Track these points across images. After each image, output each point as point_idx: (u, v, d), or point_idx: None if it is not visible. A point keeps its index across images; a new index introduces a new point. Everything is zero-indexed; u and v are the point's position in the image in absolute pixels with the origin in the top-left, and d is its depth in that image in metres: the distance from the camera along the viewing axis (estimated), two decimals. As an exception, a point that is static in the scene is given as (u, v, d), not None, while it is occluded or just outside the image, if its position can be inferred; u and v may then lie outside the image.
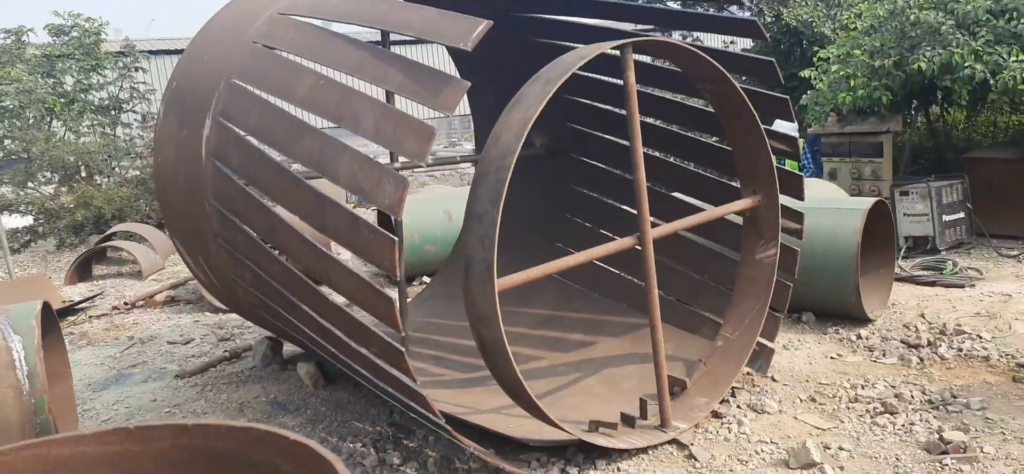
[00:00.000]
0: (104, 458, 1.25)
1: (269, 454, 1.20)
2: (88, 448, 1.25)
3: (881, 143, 9.22)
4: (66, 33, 15.46)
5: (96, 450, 1.25)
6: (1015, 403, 4.56)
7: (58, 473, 1.23)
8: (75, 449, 1.24)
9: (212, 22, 5.43)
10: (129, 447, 1.26)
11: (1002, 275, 7.20)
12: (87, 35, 15.94)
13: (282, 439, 1.17)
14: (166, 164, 5.15)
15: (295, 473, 1.16)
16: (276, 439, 1.18)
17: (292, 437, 1.16)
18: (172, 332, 7.69)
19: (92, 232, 12.55)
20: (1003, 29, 7.69)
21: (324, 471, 1.10)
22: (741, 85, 4.79)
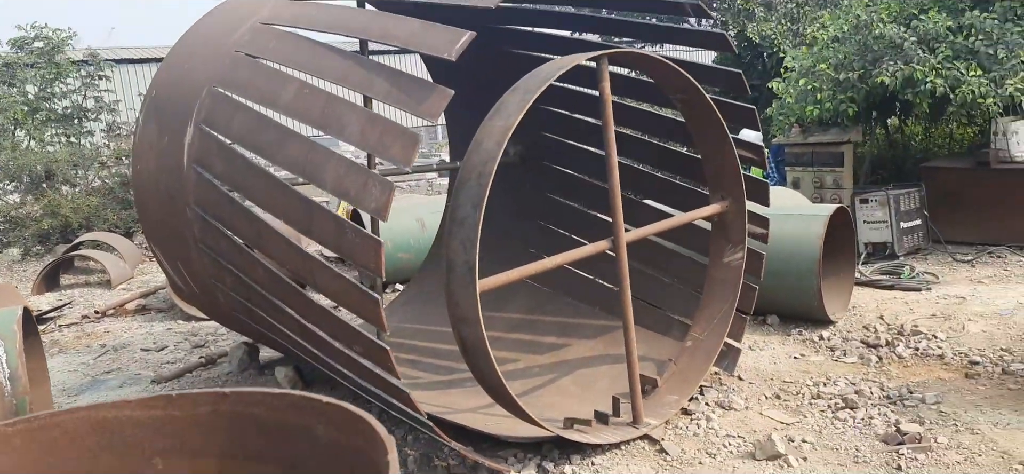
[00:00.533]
0: (148, 421, 1.37)
1: (304, 418, 1.32)
2: (133, 412, 1.37)
3: (842, 153, 9.54)
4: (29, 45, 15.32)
5: (141, 414, 1.37)
6: (967, 397, 4.81)
7: (107, 434, 1.34)
8: (122, 413, 1.36)
9: (192, 31, 5.50)
10: (171, 412, 1.38)
11: (957, 279, 7.52)
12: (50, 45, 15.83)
13: (316, 403, 1.30)
14: (146, 172, 5.20)
15: (329, 434, 1.29)
16: (310, 403, 1.31)
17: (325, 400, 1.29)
18: (145, 339, 7.70)
19: (58, 241, 12.44)
20: (961, 45, 8.03)
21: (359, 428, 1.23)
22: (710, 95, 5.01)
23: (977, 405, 4.69)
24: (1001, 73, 7.65)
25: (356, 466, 1.19)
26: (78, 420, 1.35)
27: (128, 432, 1.36)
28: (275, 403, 1.34)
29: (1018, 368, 5.16)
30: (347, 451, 1.25)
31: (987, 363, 5.31)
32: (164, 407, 1.39)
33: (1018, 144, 8.35)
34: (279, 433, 1.34)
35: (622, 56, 4.60)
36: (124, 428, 1.37)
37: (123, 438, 1.37)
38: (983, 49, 7.80)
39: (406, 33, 4.08)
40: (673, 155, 6.19)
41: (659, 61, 4.52)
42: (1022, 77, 7.61)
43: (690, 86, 4.67)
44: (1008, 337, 5.76)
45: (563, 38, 6.11)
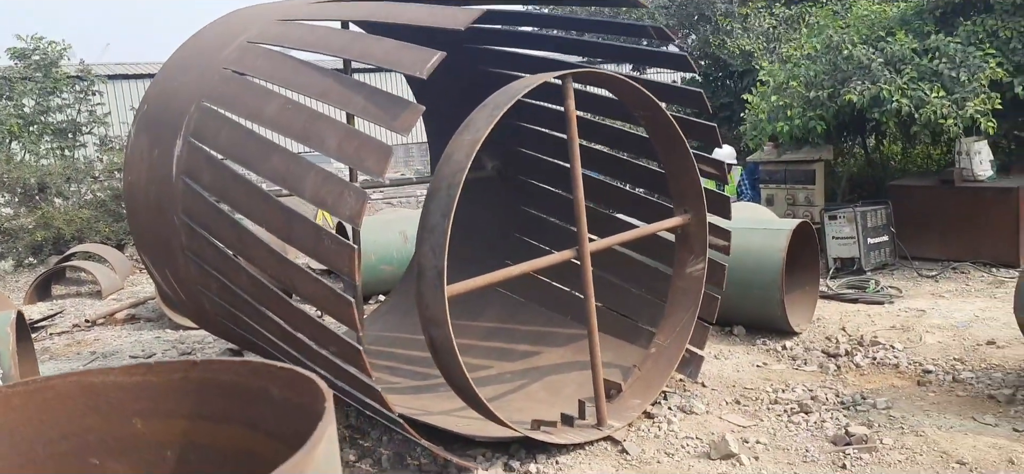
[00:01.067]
0: (129, 386, 1.59)
1: (261, 381, 1.54)
2: (117, 378, 1.59)
3: (814, 171, 9.83)
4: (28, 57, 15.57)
5: (123, 379, 1.59)
6: (916, 403, 5.07)
7: (96, 397, 1.57)
8: (107, 378, 1.58)
9: (182, 49, 5.76)
10: (149, 378, 1.61)
11: (919, 293, 7.79)
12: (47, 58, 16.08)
13: (271, 368, 1.52)
14: (137, 183, 5.43)
15: (282, 394, 1.52)
16: (266, 368, 1.53)
17: (279, 366, 1.53)
18: (134, 347, 7.91)
19: (51, 253, 12.64)
20: (926, 67, 8.35)
21: (305, 387, 1.46)
22: (675, 113, 5.28)
23: (925, 410, 4.94)
24: (962, 95, 7.96)
25: (303, 417, 1.43)
26: (69, 384, 1.58)
27: (112, 395, 1.59)
28: (237, 369, 1.57)
29: (968, 376, 5.43)
30: (296, 407, 1.48)
31: (939, 372, 5.57)
32: (143, 374, 1.62)
33: (981, 164, 8.67)
34: (241, 395, 1.56)
35: (588, 75, 4.86)
36: (109, 391, 1.59)
37: (107, 400, 1.60)
38: (946, 72, 8.11)
39: (382, 53, 4.34)
40: (644, 170, 6.46)
41: (621, 80, 4.79)
42: (982, 99, 7.92)
43: (652, 104, 4.94)
44: (962, 348, 6.03)
45: (538, 58, 6.39)
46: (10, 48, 16.26)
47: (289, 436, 1.55)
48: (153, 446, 1.61)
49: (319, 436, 1.22)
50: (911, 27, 9.02)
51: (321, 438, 1.21)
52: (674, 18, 13.95)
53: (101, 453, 1.59)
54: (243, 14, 5.85)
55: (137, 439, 1.61)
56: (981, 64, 8.11)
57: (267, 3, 6.13)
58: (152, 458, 1.62)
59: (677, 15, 13.99)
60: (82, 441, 1.58)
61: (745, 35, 11.84)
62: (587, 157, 6.47)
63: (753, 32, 11.78)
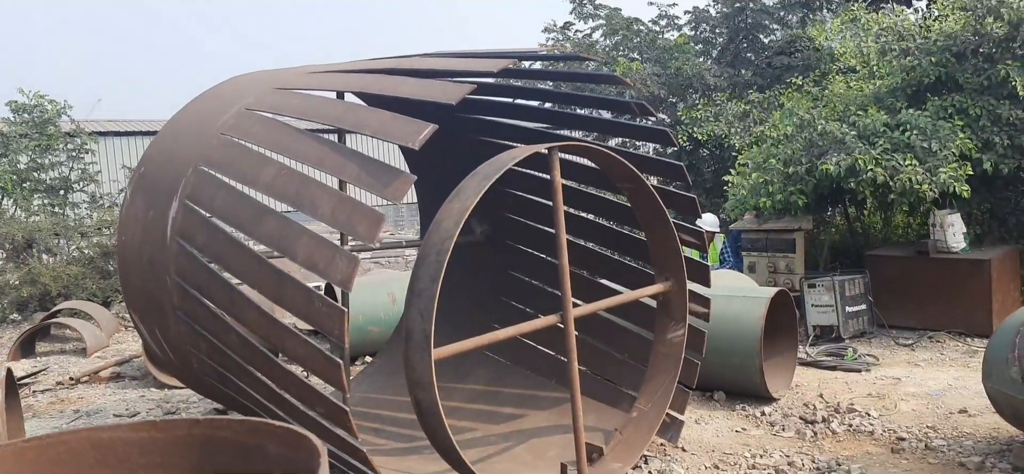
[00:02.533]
0: (136, 442, 1.71)
1: (259, 439, 1.67)
2: (124, 434, 1.71)
3: (794, 240, 10.06)
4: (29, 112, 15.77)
5: (131, 435, 1.71)
6: (889, 470, 5.19)
7: (105, 452, 1.68)
8: (115, 434, 1.70)
9: (181, 113, 5.95)
10: (154, 435, 1.73)
11: (896, 361, 7.96)
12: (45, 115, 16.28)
13: (269, 426, 1.65)
14: (131, 243, 5.55)
15: (278, 451, 1.65)
16: (264, 426, 1.66)
17: (276, 424, 1.65)
18: (118, 406, 7.92)
19: (37, 309, 12.64)
20: (898, 140, 8.66)
21: (301, 444, 1.58)
22: (656, 184, 5.49)
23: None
24: (935, 163, 8.25)
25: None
26: (80, 439, 1.70)
27: (120, 450, 1.71)
28: (237, 428, 1.70)
29: (940, 444, 5.56)
30: (292, 463, 1.60)
31: (912, 439, 5.70)
32: (149, 431, 1.74)
33: (954, 236, 8.93)
34: (240, 452, 1.69)
35: (573, 148, 5.07)
36: (116, 447, 1.71)
37: (115, 455, 1.72)
38: (918, 143, 8.42)
39: (376, 123, 4.53)
40: (627, 238, 6.64)
41: (605, 153, 5.00)
42: (954, 166, 8.21)
43: (634, 176, 5.15)
44: (936, 416, 6.17)
45: (527, 129, 6.61)
46: (11, 101, 16.46)
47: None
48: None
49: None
50: (883, 104, 9.37)
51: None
52: (665, 87, 14.35)
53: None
54: (240, 82, 6.06)
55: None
56: (950, 135, 8.43)
57: (263, 71, 6.36)
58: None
59: (668, 85, 14.40)
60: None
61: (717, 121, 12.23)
62: (572, 224, 6.67)
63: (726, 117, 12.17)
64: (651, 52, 14.79)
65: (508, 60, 4.57)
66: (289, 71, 6.09)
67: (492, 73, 4.86)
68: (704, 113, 12.55)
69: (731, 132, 12.18)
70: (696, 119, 12.55)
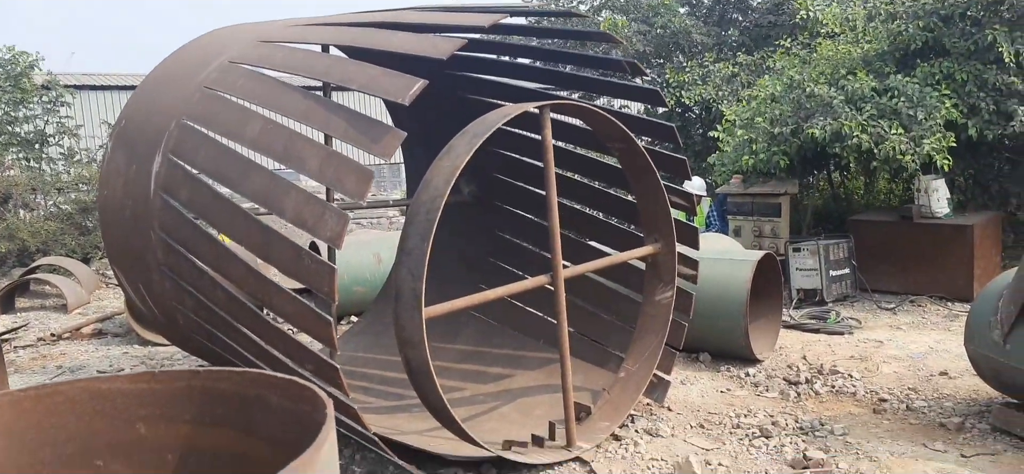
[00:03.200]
0: (134, 392, 1.68)
1: (260, 389, 1.64)
2: (123, 385, 1.68)
3: (780, 204, 10.10)
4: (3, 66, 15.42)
5: (129, 386, 1.68)
6: (872, 430, 5.26)
7: (102, 402, 1.65)
8: (113, 385, 1.67)
9: (162, 66, 5.81)
10: (153, 386, 1.69)
11: (878, 325, 8.04)
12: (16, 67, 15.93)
13: (270, 377, 1.62)
14: (113, 197, 5.45)
15: (280, 402, 1.62)
16: (265, 378, 1.63)
17: (278, 376, 1.62)
18: (101, 362, 7.86)
19: (15, 265, 12.48)
20: (885, 105, 8.67)
21: (304, 395, 1.56)
22: (647, 146, 5.46)
23: (879, 437, 5.13)
24: (920, 133, 8.28)
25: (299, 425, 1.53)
26: (78, 389, 1.66)
27: (118, 401, 1.67)
28: (237, 379, 1.67)
29: (921, 405, 5.64)
30: (294, 415, 1.58)
31: (894, 400, 5.78)
32: (148, 382, 1.71)
33: (938, 201, 8.99)
34: (240, 403, 1.66)
35: (565, 107, 5.02)
36: (115, 397, 1.68)
37: (114, 405, 1.68)
38: (905, 110, 8.44)
39: (365, 78, 4.45)
40: (617, 200, 6.62)
41: (596, 112, 4.96)
42: (938, 137, 8.24)
43: (626, 136, 5.11)
44: (917, 378, 6.25)
45: (516, 87, 6.55)
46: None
47: (285, 442, 1.65)
48: (155, 450, 1.70)
49: (322, 440, 1.32)
50: (872, 68, 9.36)
51: (324, 442, 1.32)
52: (651, 45, 14.25)
53: (105, 455, 1.68)
54: (223, 34, 5.93)
55: (140, 443, 1.70)
56: (937, 104, 8.45)
57: (247, 23, 6.22)
58: (153, 461, 1.71)
59: (654, 43, 14.30)
60: (88, 444, 1.67)
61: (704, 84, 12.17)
62: (562, 185, 6.63)
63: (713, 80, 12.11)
64: (638, 11, 14.66)
65: (499, 14, 4.49)
66: (274, 23, 5.97)
67: (483, 28, 4.79)
68: (692, 76, 12.49)
69: (719, 95, 12.15)
70: (684, 82, 12.50)
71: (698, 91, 12.13)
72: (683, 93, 12.36)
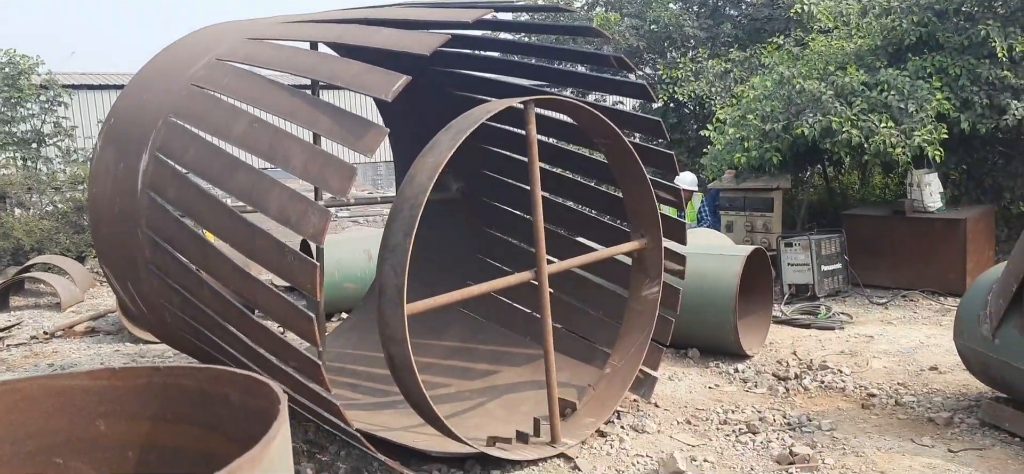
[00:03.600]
0: (95, 389, 1.68)
1: (220, 386, 1.65)
2: (83, 382, 1.68)
3: (772, 199, 10.10)
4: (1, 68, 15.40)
5: (89, 383, 1.68)
6: (859, 425, 5.26)
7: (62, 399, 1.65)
8: (73, 382, 1.67)
9: (151, 64, 5.81)
10: (114, 382, 1.70)
11: (869, 320, 8.05)
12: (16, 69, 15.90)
13: (229, 373, 1.63)
14: (102, 195, 5.45)
15: (240, 398, 1.62)
16: (225, 374, 1.64)
17: (237, 372, 1.63)
18: (93, 361, 7.87)
19: (10, 263, 12.47)
20: (876, 99, 8.67)
21: (261, 391, 1.56)
22: (635, 141, 5.46)
23: (867, 432, 5.14)
24: (911, 126, 8.27)
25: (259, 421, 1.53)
26: (37, 386, 1.67)
27: (78, 398, 1.68)
28: (198, 375, 1.67)
29: (909, 400, 5.65)
30: (253, 410, 1.58)
31: (883, 395, 5.78)
32: (108, 378, 1.71)
33: (931, 195, 8.99)
34: (201, 399, 1.66)
35: (549, 102, 5.02)
36: (75, 394, 1.68)
37: (73, 402, 1.69)
38: (895, 103, 8.43)
39: (349, 75, 4.44)
40: (604, 195, 6.63)
41: (581, 107, 4.96)
42: (929, 129, 8.24)
43: (611, 132, 5.11)
44: (906, 373, 6.26)
45: (505, 83, 6.54)
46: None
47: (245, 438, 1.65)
48: (115, 446, 1.71)
49: (273, 435, 1.32)
50: (863, 62, 9.36)
51: (275, 436, 1.32)
52: (644, 40, 14.22)
53: (65, 453, 1.68)
54: (212, 31, 5.92)
55: (100, 440, 1.70)
56: (928, 96, 8.44)
57: (236, 21, 6.22)
58: (114, 458, 1.71)
59: (647, 39, 14.27)
60: (48, 441, 1.67)
61: (697, 80, 12.16)
62: (549, 181, 6.64)
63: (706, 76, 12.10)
64: (631, 7, 14.62)
65: (483, 10, 4.49)
66: (262, 21, 5.97)
67: (467, 23, 4.79)
68: (685, 72, 12.47)
69: (712, 92, 12.14)
70: (677, 78, 12.48)
71: (692, 87, 12.11)
72: (676, 89, 12.34)
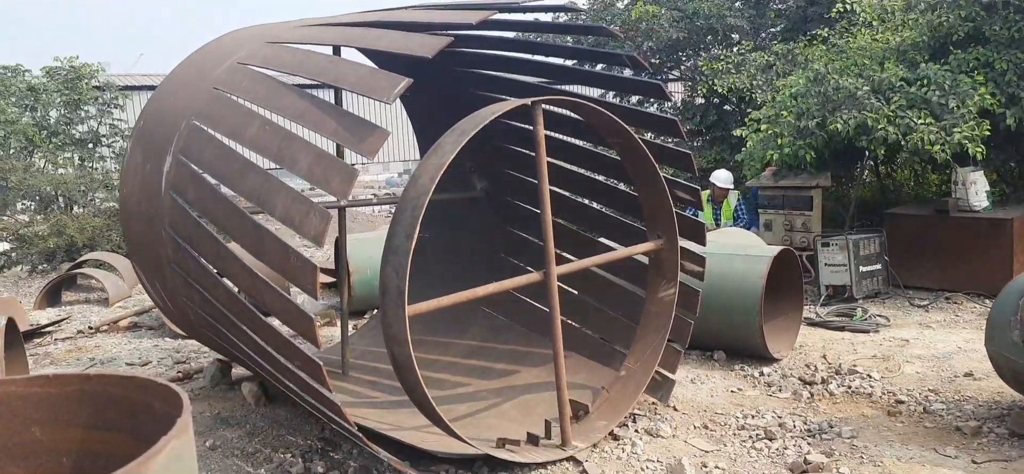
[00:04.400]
0: (29, 396, 1.72)
1: (146, 395, 1.67)
2: (18, 388, 1.73)
3: (811, 197, 9.82)
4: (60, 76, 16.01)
5: (24, 390, 1.73)
6: (883, 433, 5.10)
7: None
8: (7, 389, 1.72)
9: (181, 66, 5.96)
10: (48, 389, 1.74)
11: (907, 323, 7.79)
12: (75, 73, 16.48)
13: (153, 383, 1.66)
14: (131, 196, 5.62)
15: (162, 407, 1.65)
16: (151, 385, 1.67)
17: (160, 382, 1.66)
18: (131, 355, 8.10)
19: (64, 260, 12.95)
20: (915, 95, 8.38)
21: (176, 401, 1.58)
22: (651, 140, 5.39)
23: (889, 440, 4.97)
24: (951, 122, 7.98)
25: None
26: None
27: (13, 404, 1.72)
28: (127, 384, 1.71)
29: (939, 408, 5.45)
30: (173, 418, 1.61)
31: (912, 402, 5.59)
32: (42, 385, 1.75)
33: (976, 194, 8.66)
34: (129, 408, 1.69)
35: (558, 101, 4.98)
36: (11, 401, 1.73)
37: (9, 408, 1.73)
38: (936, 99, 8.14)
39: (355, 78, 4.48)
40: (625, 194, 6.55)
41: (590, 106, 4.90)
42: (971, 125, 7.93)
43: (622, 130, 5.05)
44: (939, 379, 6.04)
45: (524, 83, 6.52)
46: (45, 67, 16.75)
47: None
48: (50, 452, 1.75)
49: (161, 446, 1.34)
50: (906, 58, 9.05)
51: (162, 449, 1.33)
52: (684, 32, 14.03)
53: (2, 459, 1.73)
54: (239, 34, 6.05)
55: (35, 446, 1.74)
56: (970, 91, 8.13)
57: (263, 25, 6.34)
58: (49, 464, 1.75)
59: (687, 29, 14.07)
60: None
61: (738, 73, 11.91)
62: (570, 180, 6.59)
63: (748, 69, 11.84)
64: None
65: (486, 12, 4.48)
66: (284, 24, 6.07)
67: (470, 25, 4.78)
68: (725, 65, 12.24)
69: (754, 85, 11.89)
70: (717, 71, 12.26)
71: (731, 80, 11.88)
72: (716, 82, 12.11)
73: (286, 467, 4.87)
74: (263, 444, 5.25)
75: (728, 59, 12.41)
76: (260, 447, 5.21)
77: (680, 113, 14.80)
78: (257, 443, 5.30)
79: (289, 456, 5.01)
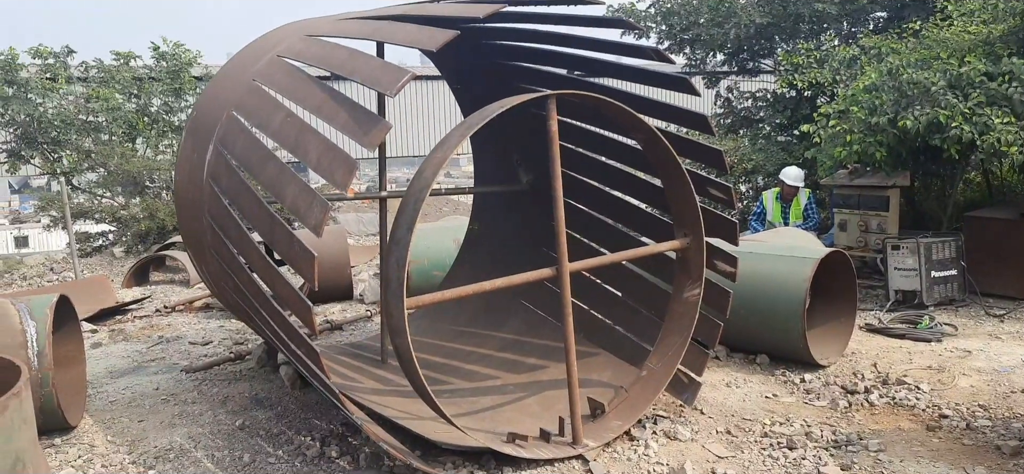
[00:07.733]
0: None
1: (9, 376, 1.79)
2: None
3: (887, 197, 9.32)
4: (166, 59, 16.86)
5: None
6: (913, 448, 4.80)
7: None
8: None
9: (234, 58, 6.20)
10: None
11: (976, 333, 7.29)
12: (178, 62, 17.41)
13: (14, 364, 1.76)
14: (181, 183, 5.91)
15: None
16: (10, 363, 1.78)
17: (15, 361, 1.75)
18: (197, 334, 8.50)
19: (156, 241, 13.72)
20: (995, 91, 7.81)
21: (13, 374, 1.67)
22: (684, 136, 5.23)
23: (918, 456, 4.68)
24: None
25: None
26: None
27: None
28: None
29: (983, 424, 5.09)
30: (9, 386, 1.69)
31: (956, 417, 5.25)
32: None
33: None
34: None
35: (575, 96, 4.90)
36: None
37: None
38: (1017, 96, 7.55)
39: (367, 70, 4.55)
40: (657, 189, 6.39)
41: (609, 102, 4.80)
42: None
43: (642, 125, 4.93)
44: (994, 394, 5.64)
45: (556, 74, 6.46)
46: (152, 43, 17.77)
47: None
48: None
49: None
50: (991, 51, 8.44)
51: None
52: (768, 16, 13.53)
53: None
54: (288, 28, 6.24)
55: None
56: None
57: (310, 18, 6.52)
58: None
59: (771, 13, 13.56)
60: None
61: (821, 67, 11.36)
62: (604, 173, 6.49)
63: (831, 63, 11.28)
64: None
65: (496, 5, 4.46)
66: (323, 19, 6.21)
67: (478, 18, 4.77)
68: (806, 59, 11.73)
69: (836, 80, 11.36)
70: (797, 65, 11.77)
71: (813, 74, 11.37)
72: (796, 76, 11.62)
73: (304, 450, 5.01)
74: (288, 427, 5.42)
75: (810, 52, 11.88)
76: (285, 429, 5.38)
77: (769, 106, 14.30)
78: (283, 425, 5.47)
79: (309, 440, 5.15)
